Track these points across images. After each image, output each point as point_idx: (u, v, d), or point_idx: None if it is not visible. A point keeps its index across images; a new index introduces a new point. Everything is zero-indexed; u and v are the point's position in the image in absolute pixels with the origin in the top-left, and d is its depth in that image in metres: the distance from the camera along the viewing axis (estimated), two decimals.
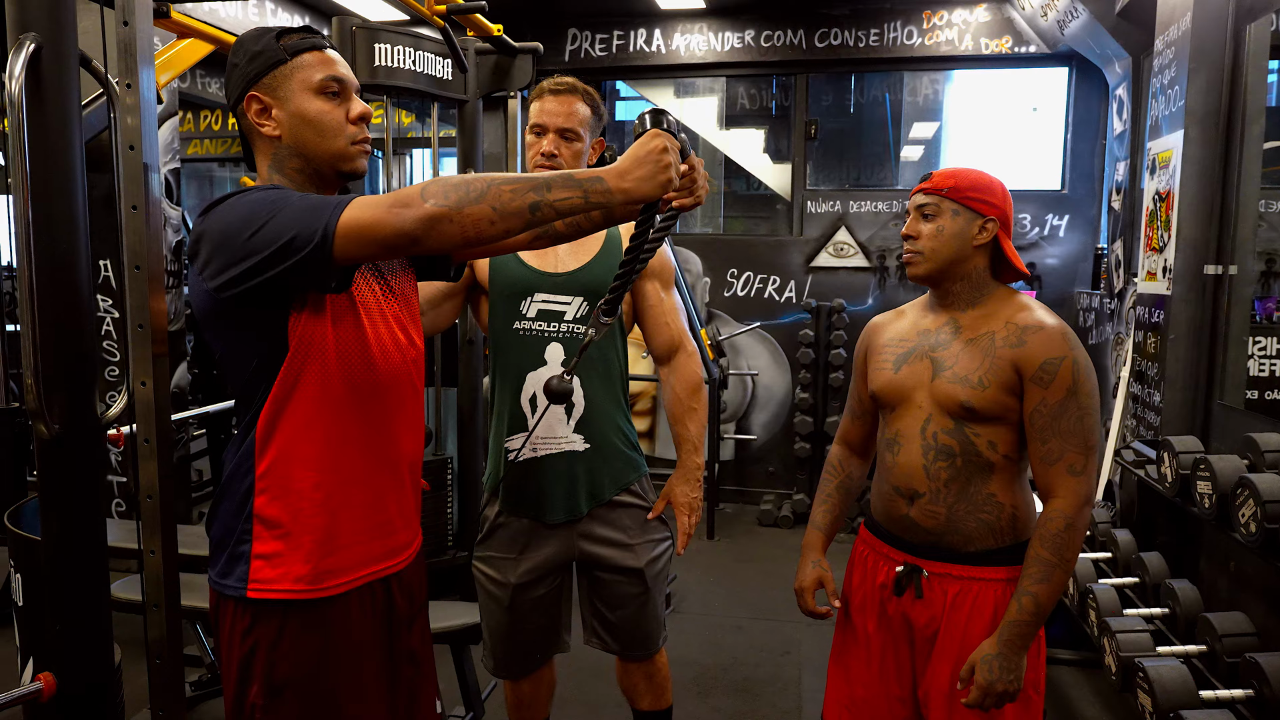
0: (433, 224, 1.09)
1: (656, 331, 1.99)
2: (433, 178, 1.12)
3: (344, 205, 1.12)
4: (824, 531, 1.80)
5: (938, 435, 1.53)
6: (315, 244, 1.10)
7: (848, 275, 5.13)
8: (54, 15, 1.40)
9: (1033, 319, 1.50)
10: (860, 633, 1.67)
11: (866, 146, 5.66)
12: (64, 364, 1.45)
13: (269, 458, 1.25)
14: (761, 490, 5.26)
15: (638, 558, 1.95)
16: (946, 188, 1.54)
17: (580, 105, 1.87)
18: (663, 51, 5.24)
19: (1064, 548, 1.44)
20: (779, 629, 3.48)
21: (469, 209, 1.09)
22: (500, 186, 1.10)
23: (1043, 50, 4.77)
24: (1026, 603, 1.44)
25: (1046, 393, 1.46)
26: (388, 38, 3.04)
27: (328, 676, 1.28)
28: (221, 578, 1.29)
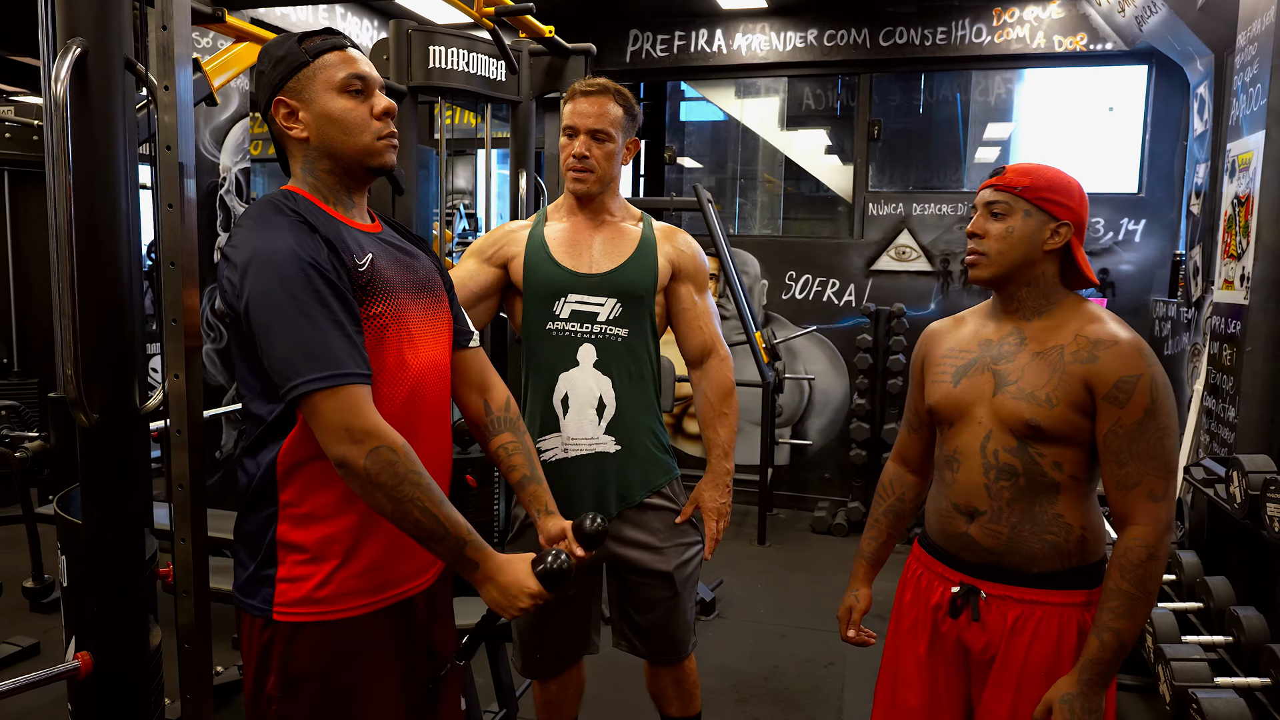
0: (350, 473, 1.17)
1: (689, 335, 1.98)
2: (400, 449, 1.19)
3: (330, 381, 1.16)
4: (869, 560, 1.74)
5: (999, 454, 1.43)
6: (282, 389, 1.17)
7: (909, 279, 5.01)
8: (101, 20, 1.46)
9: (1105, 332, 1.39)
10: (910, 654, 1.58)
11: (933, 148, 5.51)
12: (105, 356, 1.51)
13: (293, 488, 1.26)
14: (816, 497, 5.17)
15: (667, 561, 1.93)
16: (1021, 186, 1.42)
17: (612, 106, 1.86)
18: (724, 52, 5.20)
19: (1146, 579, 1.34)
20: (825, 639, 3.41)
21: (377, 495, 1.18)
22: (413, 507, 1.19)
23: (1120, 48, 4.57)
24: (1108, 639, 1.34)
25: (1122, 413, 1.35)
26: (442, 40, 3.08)
27: (343, 672, 1.30)
28: (246, 596, 1.31)
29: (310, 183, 1.31)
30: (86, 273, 1.46)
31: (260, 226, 1.21)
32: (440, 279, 1.48)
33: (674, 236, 1.97)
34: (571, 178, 1.87)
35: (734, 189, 6.16)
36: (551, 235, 1.93)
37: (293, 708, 1.27)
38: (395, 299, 1.31)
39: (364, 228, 1.35)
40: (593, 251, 1.90)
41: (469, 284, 1.92)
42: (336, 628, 1.29)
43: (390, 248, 1.38)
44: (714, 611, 3.65)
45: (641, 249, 1.91)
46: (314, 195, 1.30)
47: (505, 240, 1.95)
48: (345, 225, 1.30)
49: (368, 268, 1.27)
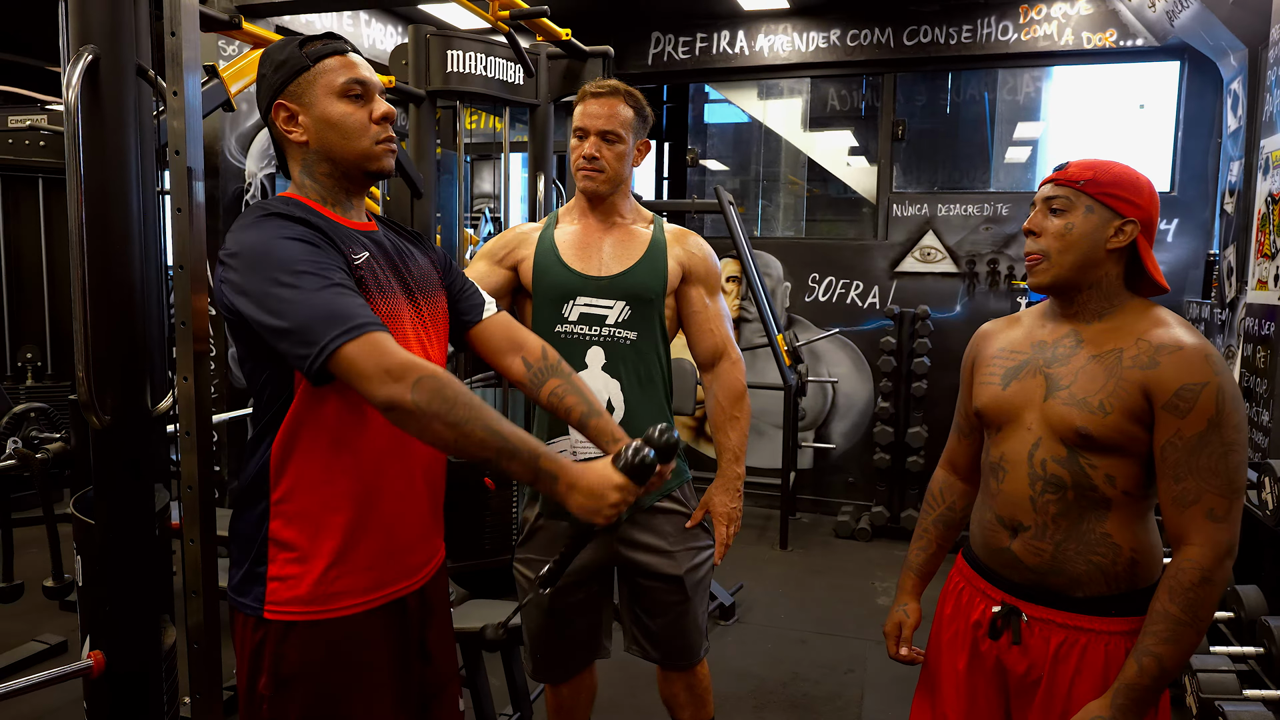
0: (400, 413, 1.13)
1: (700, 338, 1.97)
2: (442, 374, 1.14)
3: (353, 333, 1.13)
4: (916, 572, 1.66)
5: (1046, 463, 1.35)
6: (310, 356, 1.13)
7: (934, 281, 4.94)
8: (112, 28, 1.48)
9: (1169, 337, 1.28)
10: (949, 670, 1.52)
11: (959, 148, 5.44)
12: (116, 359, 1.53)
13: (284, 485, 1.27)
14: (840, 501, 5.12)
15: (678, 565, 1.92)
16: (1083, 180, 1.33)
17: (623, 107, 1.86)
18: (746, 53, 5.17)
19: (1198, 605, 1.23)
20: (845, 645, 3.37)
21: (435, 424, 1.13)
22: (475, 429, 1.14)
23: (1151, 43, 4.48)
24: (1148, 664, 1.24)
25: (1183, 423, 1.24)
26: (460, 44, 3.10)
27: (334, 672, 1.30)
28: (238, 594, 1.32)
29: (309, 185, 1.32)
30: (98, 276, 1.48)
31: (252, 226, 1.23)
32: (438, 272, 1.48)
33: (685, 239, 1.96)
34: (581, 177, 1.87)
35: (757, 191, 6.13)
36: (561, 238, 1.93)
37: (284, 707, 1.28)
38: (388, 299, 1.31)
39: (361, 227, 1.36)
40: (602, 254, 1.90)
41: (480, 286, 1.92)
42: (327, 627, 1.29)
43: (386, 247, 1.38)
44: (733, 616, 3.62)
45: (651, 251, 1.90)
46: (311, 199, 1.32)
47: (516, 242, 1.96)
48: (341, 225, 1.31)
49: (364, 263, 1.28)
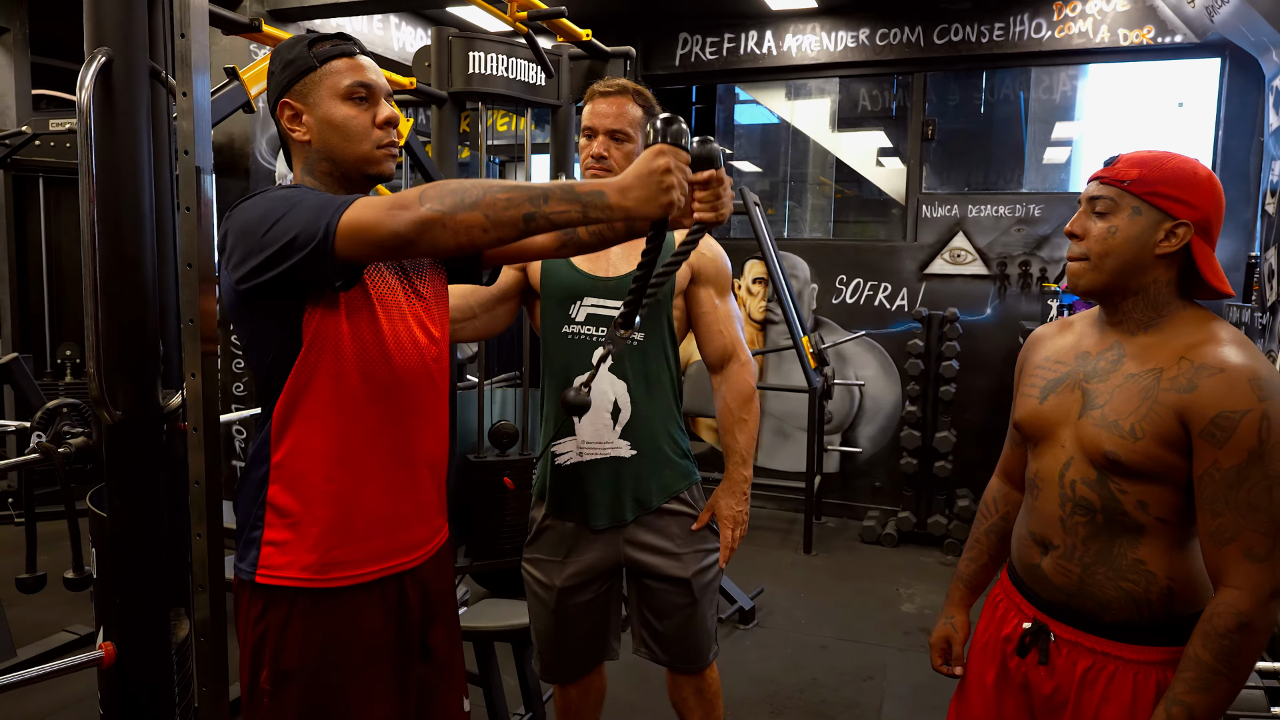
0: (425, 227, 1.09)
1: (710, 339, 1.96)
2: (438, 183, 1.12)
3: (347, 205, 1.14)
4: (965, 584, 1.58)
5: (1076, 485, 1.27)
6: (317, 241, 1.14)
7: (964, 283, 4.86)
8: (125, 30, 1.51)
9: (1214, 356, 1.17)
10: (978, 680, 1.47)
11: (993, 148, 5.35)
12: (128, 357, 1.56)
13: (283, 448, 1.29)
14: (866, 506, 5.06)
15: (685, 567, 1.91)
16: (1130, 178, 1.22)
17: (631, 106, 1.84)
18: (774, 53, 5.14)
19: (1233, 652, 1.13)
20: (866, 652, 3.32)
21: (462, 215, 1.08)
22: (496, 195, 1.08)
23: (1190, 40, 4.36)
24: (1178, 714, 1.15)
25: (1220, 454, 1.14)
26: (481, 46, 3.12)
27: (333, 666, 1.31)
28: (239, 560, 1.35)
29: (310, 183, 1.34)
30: (110, 274, 1.51)
31: (245, 204, 1.26)
32: (441, 266, 1.49)
33: None
34: (589, 176, 1.86)
35: (785, 192, 6.09)
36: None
37: (284, 701, 1.29)
38: (385, 276, 1.33)
39: None
40: (610, 254, 1.88)
41: (488, 286, 1.92)
42: (326, 607, 1.30)
43: None
44: (753, 620, 3.59)
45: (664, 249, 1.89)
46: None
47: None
48: None
49: None
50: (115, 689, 1.67)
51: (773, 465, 5.23)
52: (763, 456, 5.26)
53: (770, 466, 5.24)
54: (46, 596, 3.44)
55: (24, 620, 3.27)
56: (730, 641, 3.40)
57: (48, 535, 2.69)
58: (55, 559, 2.11)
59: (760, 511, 5.21)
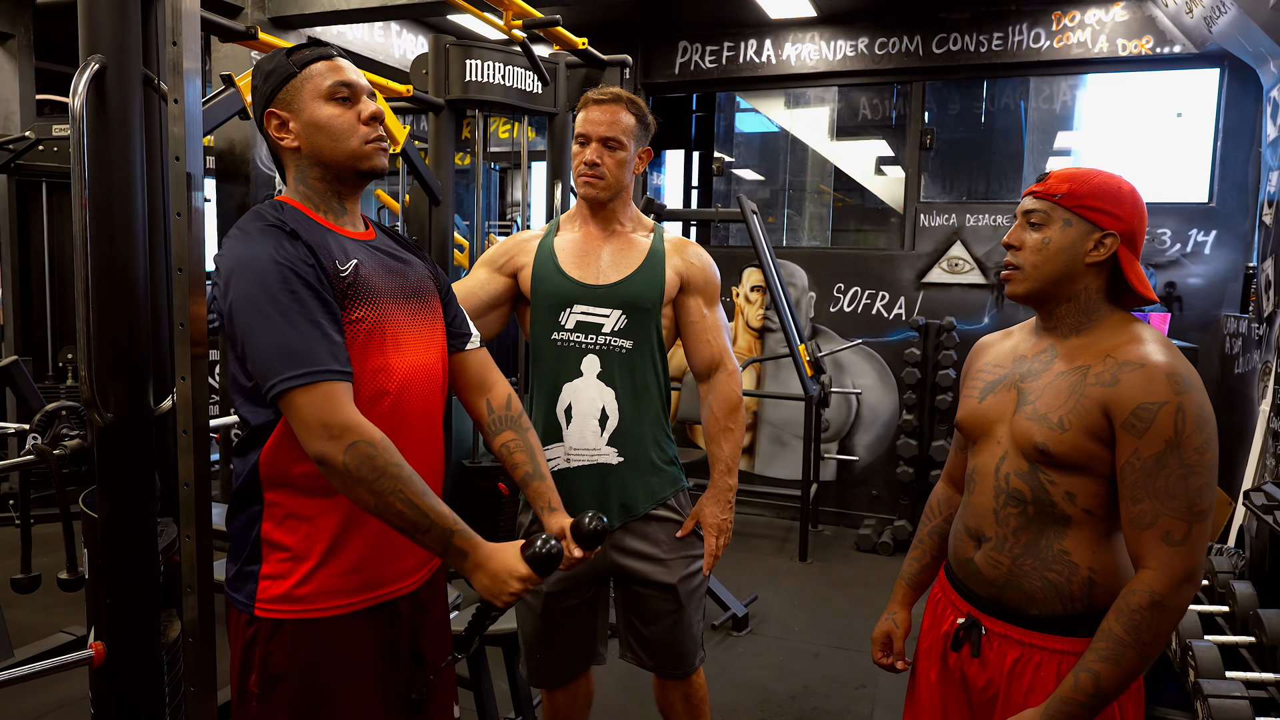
0: (330, 469, 1.19)
1: (697, 348, 1.97)
2: (379, 442, 1.20)
3: (305, 379, 1.18)
4: (908, 582, 1.66)
5: (1010, 477, 1.35)
6: (264, 389, 1.21)
7: (962, 293, 4.87)
8: (119, 38, 1.52)
9: (1136, 353, 1.26)
10: (924, 680, 1.53)
11: (992, 157, 5.37)
12: (119, 360, 1.57)
13: (276, 489, 1.30)
14: (863, 514, 5.06)
15: (671, 573, 1.92)
16: (1060, 192, 1.31)
17: (624, 114, 1.86)
18: (773, 62, 5.16)
19: (1143, 628, 1.20)
20: (858, 660, 3.32)
21: (359, 489, 1.19)
22: (396, 499, 1.19)
23: (1189, 50, 4.37)
24: (1084, 680, 1.22)
25: (1140, 443, 1.22)
26: (478, 54, 3.15)
27: (322, 670, 1.32)
28: (233, 590, 1.35)
29: (302, 192, 1.35)
30: (102, 278, 1.53)
31: (244, 236, 1.26)
32: (435, 285, 1.50)
33: (684, 249, 1.96)
34: (582, 183, 1.88)
35: (784, 200, 6.11)
36: (561, 245, 1.94)
37: (272, 704, 1.30)
38: (380, 304, 1.33)
39: (355, 235, 1.38)
40: (600, 262, 1.90)
41: (479, 293, 1.95)
42: (316, 627, 1.31)
43: (381, 254, 1.40)
44: (746, 627, 3.60)
45: (650, 260, 1.90)
46: (304, 205, 1.34)
47: (516, 249, 1.97)
48: (333, 232, 1.33)
49: (350, 273, 1.30)
50: (106, 689, 1.68)
51: (769, 473, 5.24)
52: (759, 464, 5.26)
53: (767, 474, 5.24)
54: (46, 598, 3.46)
55: (23, 621, 3.29)
56: (723, 648, 3.41)
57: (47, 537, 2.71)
58: (53, 560, 2.13)
59: (756, 519, 5.22)
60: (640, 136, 1.90)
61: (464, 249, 5.17)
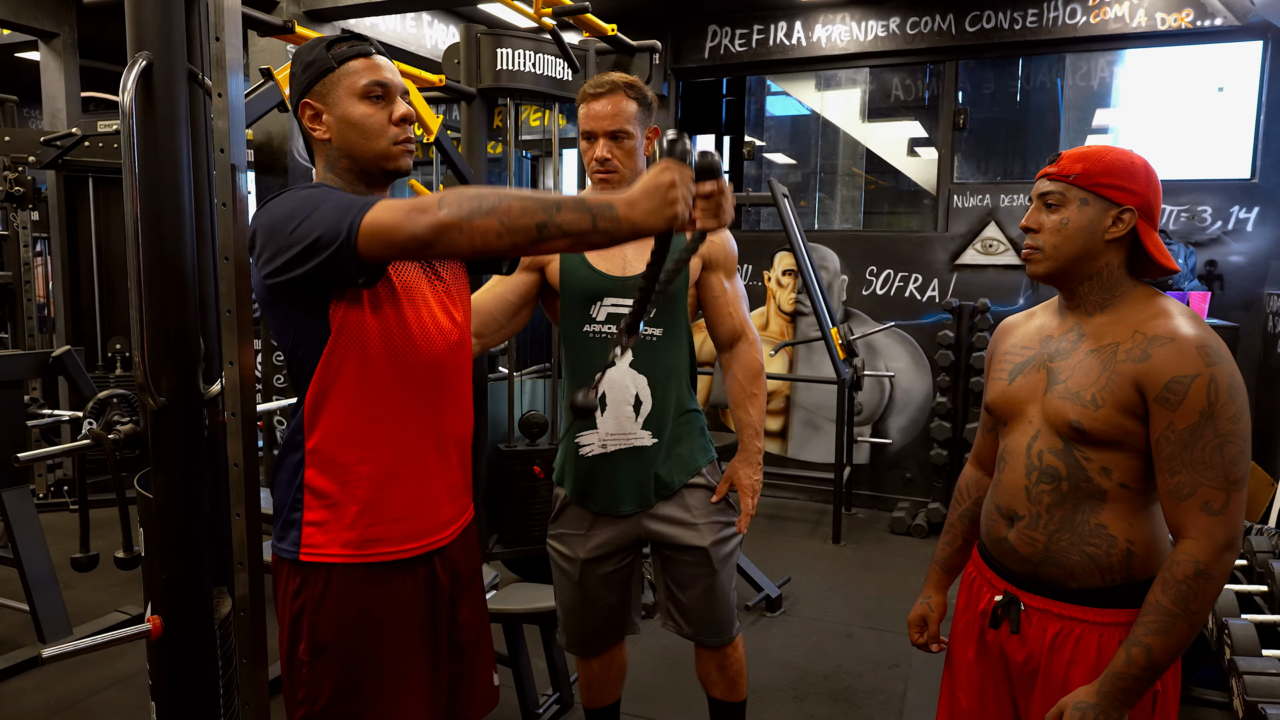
0: (442, 231, 1.13)
1: (719, 320, 2.02)
2: (456, 187, 1.17)
3: (369, 207, 1.19)
4: (941, 566, 1.69)
5: (1043, 455, 1.36)
6: (340, 242, 1.19)
7: (996, 274, 4.82)
8: (165, 34, 1.58)
9: (1165, 328, 1.28)
10: (961, 658, 1.55)
11: (1028, 137, 5.29)
12: (170, 346, 1.64)
13: (317, 434, 1.36)
14: (896, 497, 5.05)
15: (702, 536, 1.97)
16: (1074, 173, 1.34)
17: (625, 103, 1.86)
18: (803, 44, 5.13)
19: (1190, 598, 1.22)
20: (892, 640, 3.34)
21: (478, 220, 1.12)
22: (511, 202, 1.12)
23: (1230, 23, 4.27)
24: (1137, 654, 1.24)
25: (1174, 416, 1.24)
26: (509, 42, 3.18)
27: (369, 636, 1.38)
28: (279, 541, 1.42)
29: (332, 179, 1.40)
30: (153, 268, 1.59)
31: (273, 201, 1.32)
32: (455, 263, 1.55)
33: None
34: (597, 179, 1.91)
35: (815, 184, 6.08)
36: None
37: (321, 671, 1.36)
38: (413, 269, 1.39)
39: None
40: (624, 253, 1.94)
41: (509, 296, 2.01)
42: (361, 577, 1.36)
43: None
44: (780, 608, 3.63)
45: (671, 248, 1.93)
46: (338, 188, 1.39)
47: None
48: None
49: None
50: (163, 661, 1.76)
51: (802, 456, 5.24)
52: (792, 447, 5.27)
53: (800, 457, 5.25)
54: (100, 579, 3.60)
55: (80, 602, 3.42)
56: (756, 629, 3.44)
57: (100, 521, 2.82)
58: (108, 543, 2.22)
59: (789, 502, 5.23)
60: (644, 119, 1.91)
61: None
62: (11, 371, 3.08)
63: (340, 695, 1.38)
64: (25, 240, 4.67)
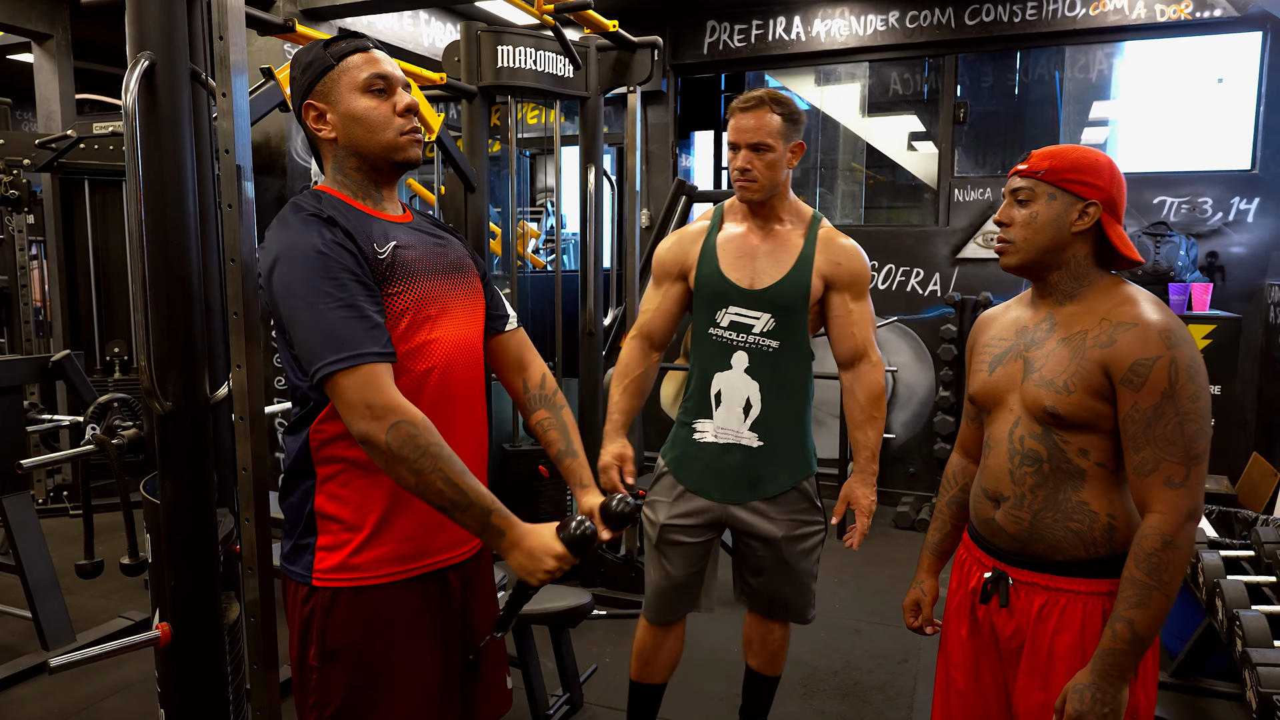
0: (373, 448, 1.23)
1: (842, 340, 2.08)
2: (420, 422, 1.23)
3: (348, 362, 1.21)
4: (932, 551, 1.75)
5: (1024, 440, 1.44)
6: (308, 372, 1.24)
7: (998, 267, 4.79)
8: (167, 35, 1.57)
9: (1129, 314, 1.36)
10: (955, 637, 1.61)
11: (1027, 129, 5.28)
12: (176, 349, 1.62)
13: (326, 467, 1.34)
14: (900, 491, 5.05)
15: (776, 528, 2.07)
16: (1043, 169, 1.42)
17: (770, 117, 1.95)
18: (802, 39, 5.12)
19: (1161, 568, 1.30)
20: (900, 635, 3.33)
21: (400, 468, 1.22)
22: (436, 477, 1.23)
23: (1230, 14, 4.26)
24: (1121, 629, 1.31)
25: (1138, 396, 1.33)
26: (510, 39, 3.16)
27: (379, 641, 1.36)
28: (289, 564, 1.40)
29: (340, 180, 1.38)
30: (158, 271, 1.58)
31: (284, 226, 1.29)
32: (473, 263, 1.53)
33: (831, 247, 2.05)
34: (738, 188, 2.02)
35: (815, 179, 6.06)
36: (723, 245, 2.08)
37: (331, 677, 1.34)
38: (421, 280, 1.36)
39: (394, 218, 1.40)
40: (755, 264, 2.04)
41: (671, 308, 2.14)
42: (372, 595, 1.35)
43: (420, 234, 1.43)
44: None
45: (799, 265, 2.02)
46: (342, 192, 1.37)
47: (684, 254, 2.12)
48: (372, 217, 1.36)
49: (389, 254, 1.32)
50: (171, 668, 1.75)
51: None
52: None
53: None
54: (103, 584, 3.57)
55: (82, 608, 3.40)
56: None
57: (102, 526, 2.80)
58: (111, 548, 2.20)
59: None
60: (789, 133, 1.99)
61: (496, 236, 5.20)
62: (11, 376, 3.05)
63: (350, 701, 1.36)
64: (21, 244, 4.64)
